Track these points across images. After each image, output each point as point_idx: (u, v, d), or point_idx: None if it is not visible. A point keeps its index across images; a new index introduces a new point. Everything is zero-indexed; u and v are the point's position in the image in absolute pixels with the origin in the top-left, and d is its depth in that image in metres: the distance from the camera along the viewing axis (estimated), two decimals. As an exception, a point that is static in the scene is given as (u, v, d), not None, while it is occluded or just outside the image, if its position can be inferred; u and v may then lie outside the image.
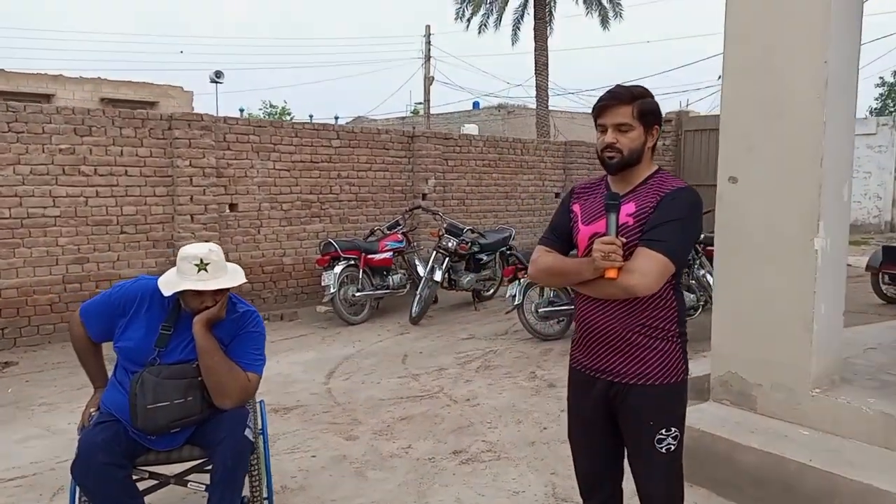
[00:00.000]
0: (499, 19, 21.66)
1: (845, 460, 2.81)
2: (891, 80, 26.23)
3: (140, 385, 2.47)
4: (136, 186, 6.54)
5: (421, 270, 7.66)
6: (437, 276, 7.13)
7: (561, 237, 2.25)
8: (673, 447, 2.09)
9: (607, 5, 20.94)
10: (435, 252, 7.37)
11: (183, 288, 2.50)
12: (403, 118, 30.31)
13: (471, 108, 27.33)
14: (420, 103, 32.59)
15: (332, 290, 6.84)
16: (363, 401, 4.75)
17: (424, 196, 8.79)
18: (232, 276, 2.61)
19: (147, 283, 2.69)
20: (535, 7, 19.88)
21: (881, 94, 26.45)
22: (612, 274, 1.96)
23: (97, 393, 2.74)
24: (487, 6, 21.63)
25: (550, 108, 20.41)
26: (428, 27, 29.07)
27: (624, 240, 1.99)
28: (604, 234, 2.09)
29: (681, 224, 1.99)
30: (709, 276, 6.36)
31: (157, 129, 6.64)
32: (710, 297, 6.15)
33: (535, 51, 19.76)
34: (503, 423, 4.27)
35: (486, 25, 21.78)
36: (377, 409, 4.59)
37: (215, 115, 7.21)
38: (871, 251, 9.87)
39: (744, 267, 3.40)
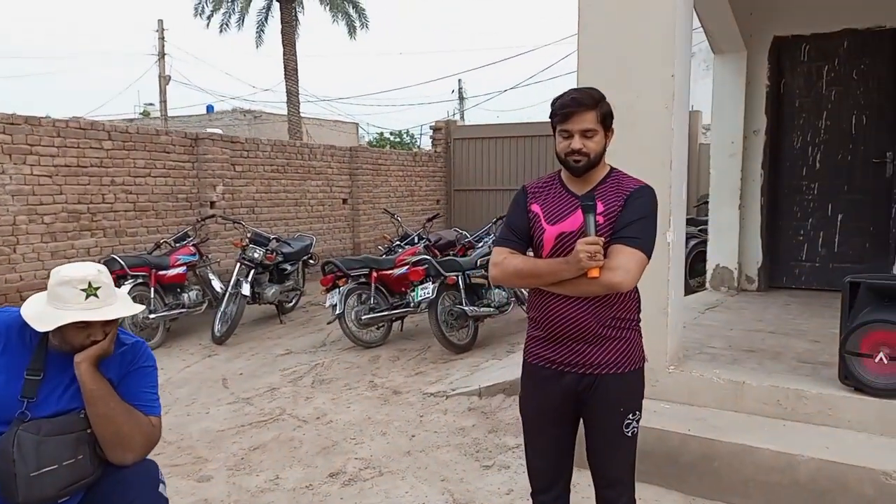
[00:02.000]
0: (241, 20, 20.76)
1: (712, 426, 3.19)
2: None
3: (17, 448, 1.89)
4: None
5: (216, 285, 7.02)
6: (245, 289, 6.57)
7: (522, 238, 2.22)
8: (636, 430, 2.19)
9: (354, 14, 21.22)
10: (239, 264, 6.80)
11: (71, 320, 1.96)
12: (132, 120, 27.49)
13: (206, 111, 25.59)
14: (150, 104, 29.94)
15: (120, 314, 5.91)
16: (199, 435, 4.20)
17: (213, 204, 8.07)
18: (125, 302, 2.12)
19: (7, 318, 2.08)
20: (281, 10, 19.42)
21: None
22: (594, 273, 1.99)
23: None
24: (229, 4, 20.63)
25: (301, 114, 20.15)
26: (161, 21, 26.88)
27: (604, 239, 2.03)
28: (571, 234, 2.12)
29: (649, 220, 2.09)
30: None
31: None
32: (517, 294, 6.59)
33: (284, 55, 19.32)
34: (367, 436, 4.08)
35: (227, 25, 20.75)
36: (220, 441, 4.09)
37: (-50, 107, 5.80)
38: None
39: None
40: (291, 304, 7.73)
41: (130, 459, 2.07)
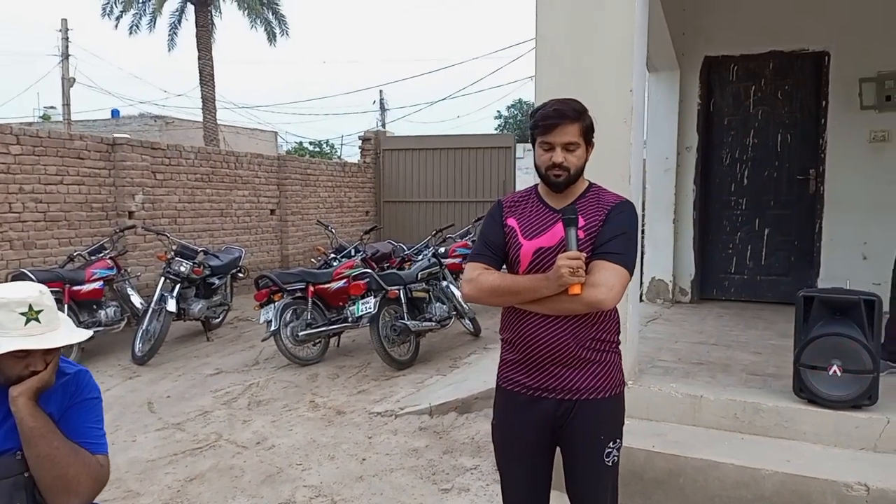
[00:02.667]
0: (153, 21, 19.82)
1: (674, 441, 3.18)
2: (506, 113, 31.15)
3: None
4: None
5: (136, 301, 6.57)
6: (171, 305, 6.16)
7: (497, 253, 2.11)
8: (617, 458, 2.11)
9: (273, 21, 20.70)
10: (163, 279, 6.38)
11: (11, 349, 1.70)
12: (31, 123, 25.81)
13: (111, 116, 24.29)
14: (51, 107, 28.27)
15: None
16: (126, 466, 3.85)
17: (131, 214, 7.57)
18: (69, 328, 1.87)
19: None
20: (195, 14, 18.70)
21: (499, 126, 31.23)
22: (576, 290, 1.90)
23: None
24: (140, 5, 19.69)
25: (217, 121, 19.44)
26: (65, 21, 25.40)
27: (585, 254, 1.94)
28: (549, 249, 2.03)
29: (631, 236, 2.02)
30: (452, 288, 6.69)
31: None
32: (458, 308, 6.50)
33: (200, 60, 18.61)
34: (315, 462, 3.85)
35: (137, 27, 19.77)
36: (151, 473, 3.76)
37: None
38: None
39: (560, 275, 3.62)
40: (219, 321, 7.34)
41: None
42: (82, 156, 7.12)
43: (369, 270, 6.12)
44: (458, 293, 6.76)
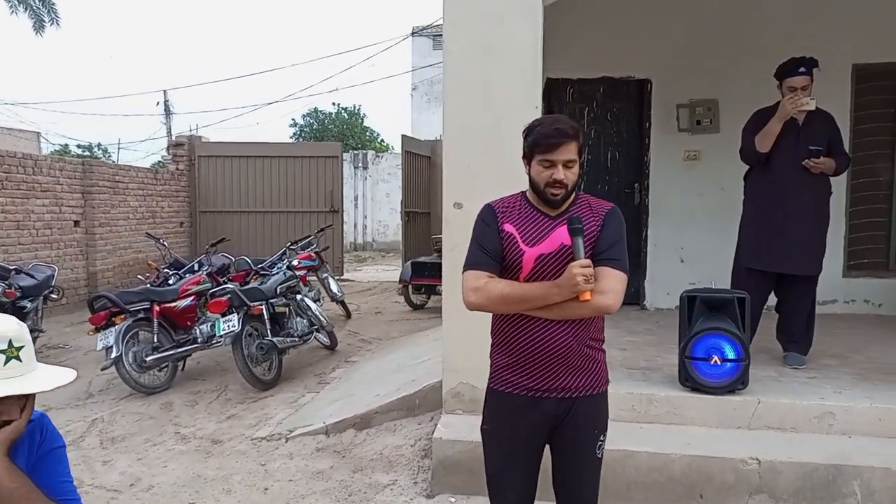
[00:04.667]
0: None
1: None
2: (301, 122, 31.00)
3: None
4: None
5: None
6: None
7: (496, 259, 2.14)
8: (604, 449, 2.23)
9: (41, 7, 18.23)
10: (-33, 303, 5.38)
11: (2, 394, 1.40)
12: None
13: None
14: None
15: None
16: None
17: None
18: (48, 367, 1.57)
19: None
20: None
21: (294, 134, 30.97)
22: (587, 296, 2.00)
23: None
24: None
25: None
26: None
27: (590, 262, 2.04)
28: (550, 255, 2.10)
29: (624, 241, 2.16)
30: (307, 300, 6.48)
31: None
32: (316, 321, 6.31)
33: None
34: (210, 498, 3.51)
35: None
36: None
37: None
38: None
39: (468, 285, 3.70)
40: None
41: None
42: None
43: (230, 286, 5.70)
44: (314, 306, 6.55)
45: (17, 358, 1.48)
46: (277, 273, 6.46)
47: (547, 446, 2.22)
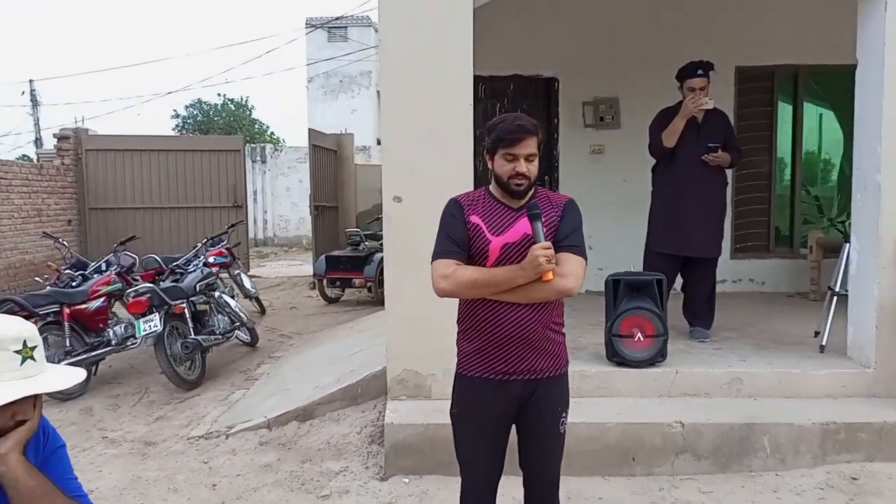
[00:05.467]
0: None
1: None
2: (184, 112, 29.98)
3: None
4: None
5: None
6: None
7: (463, 248, 2.28)
8: (566, 425, 2.44)
9: None
10: None
11: (24, 394, 1.40)
12: None
13: None
14: None
15: None
16: None
17: None
18: (57, 366, 1.57)
19: None
20: None
21: (177, 125, 29.95)
22: (549, 276, 2.19)
23: None
24: None
25: None
26: None
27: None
28: (514, 244, 2.28)
29: (581, 230, 2.37)
30: (226, 297, 6.38)
31: None
32: (236, 320, 6.23)
33: None
34: (157, 498, 3.46)
35: None
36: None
37: None
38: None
39: (411, 275, 3.84)
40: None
41: None
42: None
43: (148, 285, 5.51)
44: (233, 302, 6.45)
45: (32, 358, 1.48)
46: (194, 270, 6.30)
47: (513, 425, 2.40)
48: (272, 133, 30.72)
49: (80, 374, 1.61)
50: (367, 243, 9.24)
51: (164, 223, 11.81)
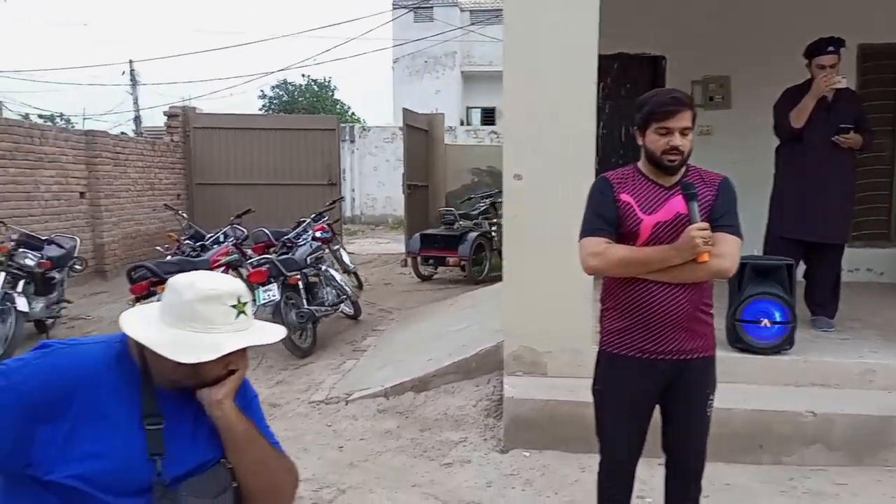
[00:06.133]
0: None
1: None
2: (270, 93, 30.66)
3: None
4: None
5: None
6: (23, 304, 5.22)
7: (613, 227, 2.28)
8: (712, 408, 2.42)
9: None
10: (5, 273, 5.36)
11: (237, 347, 1.52)
12: None
13: None
14: None
15: None
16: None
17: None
18: (267, 324, 1.70)
19: (84, 355, 1.53)
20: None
21: (264, 106, 30.67)
22: (705, 258, 2.17)
23: None
24: None
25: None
26: None
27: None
28: (667, 223, 2.26)
29: (736, 209, 2.33)
30: (332, 271, 6.60)
31: None
32: (342, 293, 6.43)
33: None
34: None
35: None
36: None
37: None
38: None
39: (530, 254, 3.88)
40: (55, 320, 6.35)
41: None
42: None
43: (267, 256, 5.78)
44: (338, 276, 6.68)
45: (244, 313, 1.60)
46: (304, 244, 6.56)
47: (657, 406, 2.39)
48: (353, 114, 31.23)
49: (282, 331, 1.73)
50: (461, 223, 9.32)
51: (262, 199, 12.22)
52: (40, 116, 27.62)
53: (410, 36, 25.70)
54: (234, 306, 1.55)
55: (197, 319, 1.50)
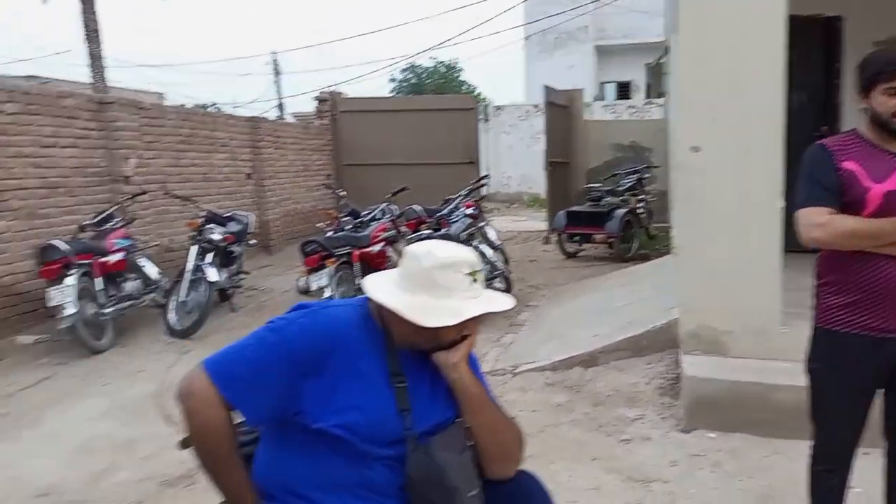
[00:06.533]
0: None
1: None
2: (400, 77, 31.00)
3: (450, 469, 1.58)
4: None
5: (152, 272, 6.10)
6: (213, 275, 5.76)
7: (837, 196, 2.15)
8: None
9: None
10: (197, 245, 5.94)
11: (476, 313, 1.60)
12: None
13: None
14: None
15: (71, 311, 4.92)
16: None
17: (127, 179, 6.94)
18: (494, 293, 1.78)
19: (338, 316, 1.66)
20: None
21: (393, 89, 31.05)
22: None
23: None
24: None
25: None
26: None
27: None
28: None
29: None
30: (483, 247, 6.70)
31: None
32: (496, 268, 6.51)
33: (84, 13, 16.62)
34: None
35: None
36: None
37: None
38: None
39: (710, 228, 3.75)
40: (235, 290, 6.93)
41: (511, 472, 1.75)
42: (74, 115, 6.41)
43: (427, 232, 5.99)
44: (490, 252, 6.78)
45: (477, 281, 1.68)
46: (457, 221, 6.71)
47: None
48: (478, 94, 31.28)
49: (511, 301, 1.80)
50: (607, 199, 9.13)
51: (404, 178, 12.55)
52: (198, 106, 30.00)
53: (542, 12, 25.31)
54: (468, 274, 1.63)
55: (436, 286, 1.60)
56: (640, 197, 9.45)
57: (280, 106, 30.01)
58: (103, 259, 5.47)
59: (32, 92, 6.06)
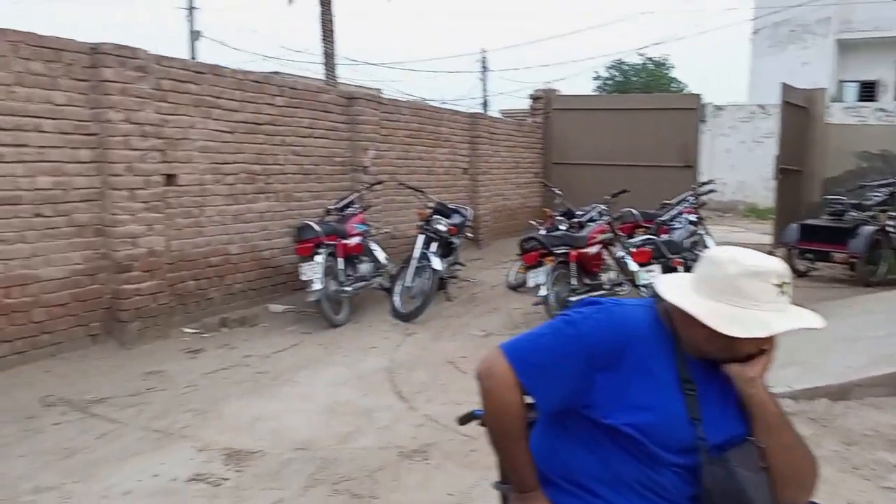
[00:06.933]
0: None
1: None
2: (605, 74, 29.82)
3: (748, 489, 1.51)
4: (52, 148, 4.48)
5: (381, 257, 6.56)
6: (438, 264, 6.10)
7: None
8: None
9: None
10: (424, 235, 6.32)
11: (787, 328, 1.51)
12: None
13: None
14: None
15: (318, 286, 5.48)
16: (494, 431, 3.75)
17: (366, 169, 7.56)
18: (801, 309, 1.66)
19: (630, 315, 1.65)
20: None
21: (597, 87, 30.00)
22: None
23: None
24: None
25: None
26: (190, -28, 25.67)
27: None
28: None
29: None
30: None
31: (77, 64, 4.62)
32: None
33: (322, 14, 18.00)
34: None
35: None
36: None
37: (148, 51, 5.19)
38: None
39: None
40: (451, 280, 7.26)
41: (804, 501, 1.63)
42: (328, 109, 7.10)
43: (654, 238, 5.83)
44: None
45: (785, 293, 1.57)
46: (680, 227, 6.42)
47: None
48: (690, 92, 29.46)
49: (822, 319, 1.66)
50: (852, 213, 8.18)
51: (615, 179, 12.29)
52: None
53: (778, 4, 23.20)
54: (777, 285, 1.53)
55: (740, 294, 1.51)
56: (892, 214, 8.34)
57: (484, 103, 30.81)
58: (345, 241, 6.01)
59: (298, 87, 6.80)
